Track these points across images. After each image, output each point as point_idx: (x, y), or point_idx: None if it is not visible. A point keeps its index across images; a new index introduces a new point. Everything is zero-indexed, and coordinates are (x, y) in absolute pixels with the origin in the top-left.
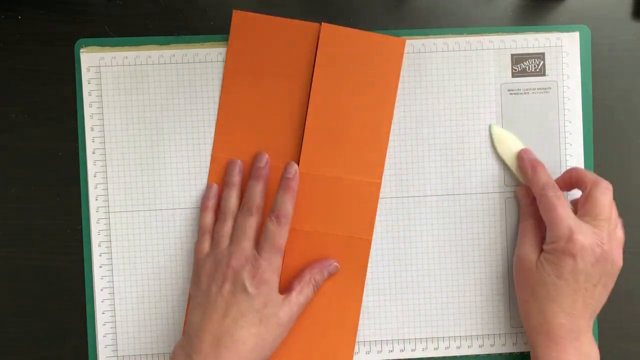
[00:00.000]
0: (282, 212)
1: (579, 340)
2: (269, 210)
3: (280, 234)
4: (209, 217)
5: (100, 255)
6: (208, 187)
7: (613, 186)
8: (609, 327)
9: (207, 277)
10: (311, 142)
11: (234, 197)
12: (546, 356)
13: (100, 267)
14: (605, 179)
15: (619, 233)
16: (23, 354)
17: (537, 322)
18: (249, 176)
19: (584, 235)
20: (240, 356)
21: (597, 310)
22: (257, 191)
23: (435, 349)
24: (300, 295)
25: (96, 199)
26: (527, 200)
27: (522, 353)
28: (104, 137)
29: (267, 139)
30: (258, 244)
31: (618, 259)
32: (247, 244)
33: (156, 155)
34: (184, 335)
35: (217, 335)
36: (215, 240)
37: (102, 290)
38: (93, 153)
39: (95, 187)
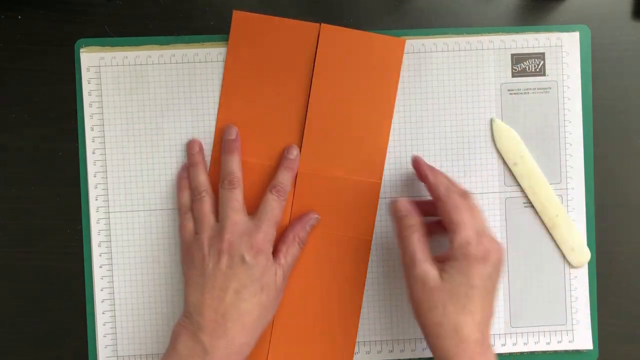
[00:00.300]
0: (282, 187)
1: (486, 355)
2: (269, 186)
3: (279, 207)
4: (186, 196)
5: (100, 255)
6: (182, 167)
7: (613, 186)
8: (609, 328)
9: (201, 254)
10: (311, 142)
11: (202, 174)
12: None
13: (100, 267)
14: (606, 179)
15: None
16: (23, 354)
17: (453, 344)
18: (223, 152)
19: (489, 240)
20: (247, 327)
21: (492, 317)
22: (235, 163)
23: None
24: (287, 255)
25: (96, 199)
26: (410, 210)
27: (522, 353)
28: (104, 137)
29: (267, 140)
30: (256, 214)
31: (504, 251)
32: (238, 216)
33: (156, 155)
34: (183, 314)
35: (221, 311)
36: (199, 220)
37: (102, 290)
38: (93, 153)
39: (95, 187)
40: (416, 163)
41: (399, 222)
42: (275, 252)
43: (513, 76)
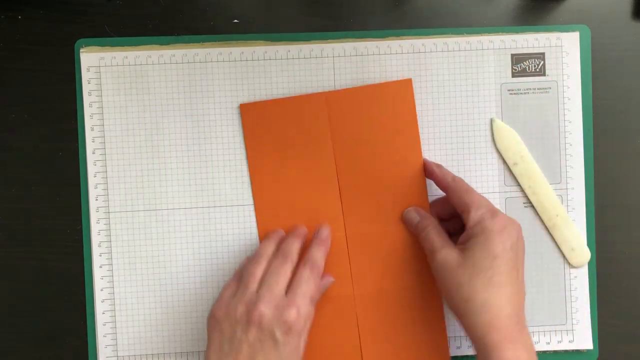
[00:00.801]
0: (315, 263)
1: (523, 332)
2: (302, 260)
3: (313, 282)
4: (272, 246)
5: (100, 255)
6: (268, 240)
7: (613, 186)
8: (609, 328)
9: (232, 319)
10: (351, 205)
11: (272, 245)
12: (501, 359)
13: (100, 267)
14: (606, 179)
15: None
16: (23, 354)
17: (486, 320)
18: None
19: (501, 214)
20: None
21: (524, 298)
22: (295, 244)
23: None
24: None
25: (96, 199)
26: (419, 214)
27: None
28: (104, 137)
29: (307, 216)
30: (289, 289)
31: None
32: (278, 289)
33: (156, 155)
34: None
35: None
36: (244, 280)
37: (102, 290)
38: (93, 153)
39: (95, 187)
40: (425, 164)
41: (415, 229)
42: None
43: (513, 76)
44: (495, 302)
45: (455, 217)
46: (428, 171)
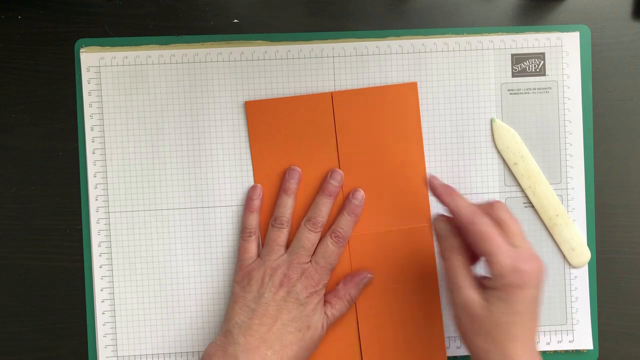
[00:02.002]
0: (343, 233)
1: None
2: (330, 229)
3: (337, 254)
4: (255, 218)
5: (100, 255)
6: (253, 187)
7: (613, 186)
8: (609, 328)
9: (260, 281)
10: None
11: (291, 205)
12: None
13: (100, 267)
14: (606, 179)
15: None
16: (23, 354)
17: None
18: (318, 191)
19: (526, 261)
20: (284, 359)
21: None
22: (327, 208)
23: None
24: (334, 309)
25: (96, 199)
26: (450, 231)
27: None
28: (104, 137)
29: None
30: (313, 256)
31: (544, 266)
32: (305, 257)
33: (156, 155)
34: (222, 333)
35: (266, 338)
36: (268, 246)
37: (102, 290)
38: (93, 153)
39: (95, 187)
40: (431, 186)
41: (440, 241)
42: (325, 301)
43: (513, 76)
44: (514, 355)
45: None
46: (437, 197)
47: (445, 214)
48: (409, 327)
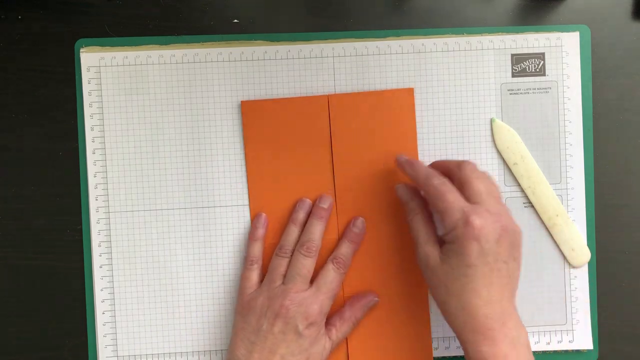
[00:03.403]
0: (345, 260)
1: (506, 326)
2: (331, 255)
3: (339, 281)
4: (258, 247)
5: (100, 255)
6: (257, 216)
7: (613, 186)
8: (609, 327)
9: (259, 312)
10: (345, 207)
11: (296, 234)
12: (478, 353)
13: (100, 267)
14: (606, 179)
15: (499, 198)
16: (23, 354)
17: (462, 321)
18: (308, 216)
19: (479, 214)
20: None
21: (516, 287)
22: (319, 231)
23: (436, 348)
24: (339, 332)
25: (96, 199)
26: (410, 195)
27: None
28: (104, 137)
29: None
30: (314, 283)
31: (516, 227)
32: (302, 285)
33: (156, 155)
34: None
35: None
36: (270, 275)
37: (102, 290)
38: (93, 153)
39: (95, 187)
40: (398, 163)
41: (404, 207)
42: (328, 324)
43: (513, 76)
44: (469, 307)
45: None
46: (401, 169)
47: (400, 184)
48: (395, 329)
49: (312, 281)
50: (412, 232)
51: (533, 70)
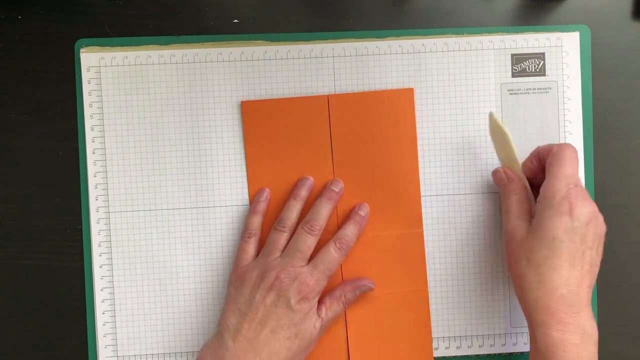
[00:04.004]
0: (348, 241)
1: (580, 316)
2: (334, 236)
3: (338, 261)
4: (257, 220)
5: (100, 255)
6: (261, 190)
7: (613, 186)
8: (609, 327)
9: (252, 283)
10: (345, 207)
11: (297, 210)
12: (547, 337)
13: (100, 267)
14: (606, 179)
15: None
16: (23, 354)
17: (535, 296)
18: (316, 196)
19: (580, 193)
20: None
21: (594, 282)
22: (326, 212)
23: (436, 348)
24: (329, 310)
25: (96, 199)
26: (509, 178)
27: (522, 353)
28: (104, 137)
29: (302, 211)
30: (312, 261)
31: (604, 222)
32: (300, 261)
33: (156, 155)
34: (215, 335)
35: (254, 344)
36: (267, 248)
37: (102, 290)
38: (93, 153)
39: (95, 187)
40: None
41: (502, 189)
42: (319, 302)
43: (513, 76)
44: (546, 282)
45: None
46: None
47: (500, 168)
48: (396, 329)
49: (309, 261)
50: (505, 209)
51: (533, 70)
